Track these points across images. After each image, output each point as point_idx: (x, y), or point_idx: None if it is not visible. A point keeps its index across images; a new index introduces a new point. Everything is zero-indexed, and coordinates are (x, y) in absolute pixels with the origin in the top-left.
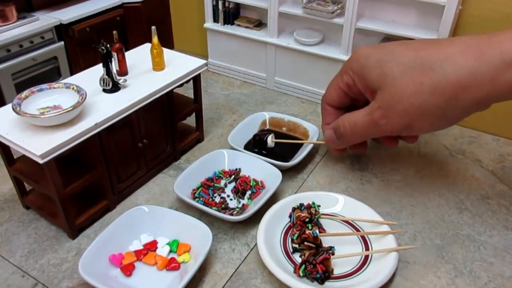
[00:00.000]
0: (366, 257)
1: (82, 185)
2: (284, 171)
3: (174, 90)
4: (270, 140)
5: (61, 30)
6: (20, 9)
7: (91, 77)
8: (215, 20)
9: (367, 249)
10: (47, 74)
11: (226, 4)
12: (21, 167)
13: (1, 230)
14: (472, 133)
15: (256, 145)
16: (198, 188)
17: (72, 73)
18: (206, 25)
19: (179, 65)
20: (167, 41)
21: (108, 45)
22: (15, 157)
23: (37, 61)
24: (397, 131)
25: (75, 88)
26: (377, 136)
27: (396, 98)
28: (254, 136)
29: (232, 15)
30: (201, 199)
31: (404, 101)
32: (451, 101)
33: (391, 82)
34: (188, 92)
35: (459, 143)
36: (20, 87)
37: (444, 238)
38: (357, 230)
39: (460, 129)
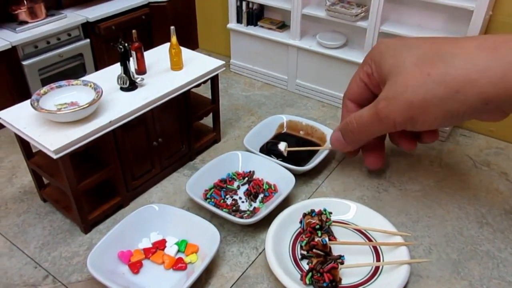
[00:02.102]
0: (377, 268)
1: (96, 181)
2: (299, 176)
3: (192, 90)
4: (284, 148)
5: (88, 28)
6: (49, 6)
7: (112, 75)
8: (239, 21)
9: (378, 260)
10: (72, 71)
11: (250, 5)
12: (39, 161)
13: (19, 221)
14: (499, 144)
15: (269, 152)
16: (210, 189)
17: (97, 70)
18: (229, 25)
19: (197, 65)
20: (192, 41)
21: (126, 44)
22: (34, 151)
23: (63, 58)
24: (401, 125)
25: (92, 85)
26: (382, 132)
27: (401, 89)
28: (267, 143)
29: (255, 16)
30: (212, 200)
31: (409, 91)
32: (456, 95)
33: (400, 73)
34: (208, 92)
35: (484, 154)
36: (46, 83)
37: (461, 253)
38: (369, 240)
39: (486, 139)
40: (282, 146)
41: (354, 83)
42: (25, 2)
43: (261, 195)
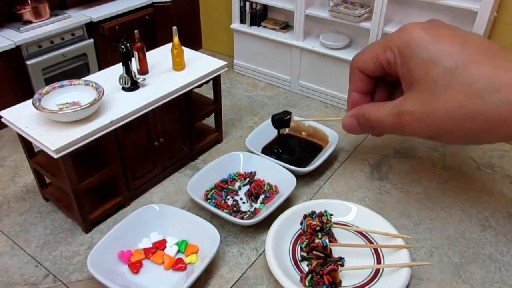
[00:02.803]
0: (377, 270)
1: (97, 181)
2: (301, 177)
3: (195, 90)
4: (291, 122)
5: (91, 28)
6: (54, 6)
7: (114, 75)
8: (242, 21)
9: (379, 262)
10: (76, 70)
11: (254, 5)
12: (40, 160)
13: (21, 220)
14: (504, 146)
15: (275, 125)
16: (211, 190)
17: (100, 70)
18: (232, 26)
19: (199, 65)
20: (195, 41)
21: (128, 44)
22: (36, 150)
23: (67, 57)
24: (420, 137)
25: (94, 85)
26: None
27: (429, 111)
28: (273, 116)
29: (259, 17)
30: (213, 200)
31: (437, 116)
32: (483, 133)
33: (431, 90)
34: (210, 92)
35: (488, 156)
36: (50, 82)
37: (463, 256)
38: (370, 242)
39: None
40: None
41: (370, 59)
42: (29, 1)
43: (262, 196)
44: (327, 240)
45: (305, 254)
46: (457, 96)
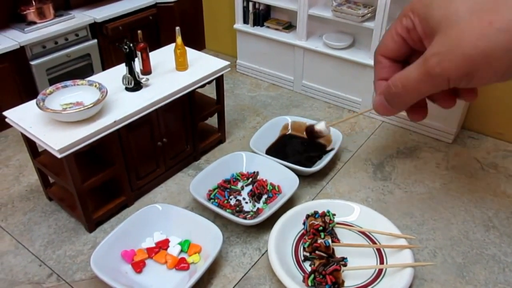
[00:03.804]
0: (380, 271)
1: (101, 181)
2: (303, 177)
3: (198, 90)
4: (324, 126)
5: (95, 28)
6: (58, 7)
7: (118, 75)
8: (245, 21)
9: (381, 262)
10: (80, 71)
11: (257, 5)
12: (44, 160)
13: (25, 219)
14: (508, 146)
15: (310, 137)
16: (214, 189)
17: (104, 70)
18: (236, 26)
19: (202, 65)
20: (199, 41)
21: (132, 45)
22: (40, 150)
23: (71, 58)
24: (455, 82)
25: (97, 85)
26: (433, 91)
27: (456, 42)
28: (306, 129)
29: (262, 17)
30: (216, 200)
31: (467, 44)
32: None
33: (454, 24)
34: (214, 92)
35: (492, 156)
36: (54, 82)
37: (466, 257)
38: (373, 242)
39: (495, 142)
40: (322, 125)
41: (389, 38)
42: (33, 2)
43: (265, 196)
44: (329, 240)
45: (307, 254)
46: (483, 15)
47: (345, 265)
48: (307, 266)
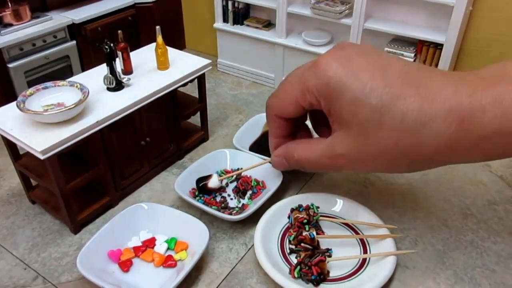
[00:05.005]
0: (364, 260)
1: (85, 181)
2: (288, 172)
3: (180, 89)
4: (216, 181)
5: (74, 30)
6: (35, 8)
7: (98, 75)
8: (225, 20)
9: (365, 252)
10: (59, 72)
11: (236, 4)
12: (26, 162)
13: (7, 223)
14: None
15: (201, 191)
16: None
17: (84, 71)
18: (215, 25)
19: (183, 64)
20: (179, 41)
21: (112, 45)
22: (21, 152)
23: (50, 60)
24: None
25: (79, 86)
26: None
27: (365, 153)
28: (197, 181)
29: (241, 16)
30: (201, 198)
31: (374, 156)
32: (419, 164)
33: (363, 131)
34: (196, 91)
35: None
36: (33, 85)
37: (446, 244)
38: (356, 233)
39: None
40: (215, 181)
41: (289, 104)
42: (9, 4)
43: (249, 192)
44: (314, 233)
45: (293, 247)
46: (390, 135)
47: (330, 256)
48: (293, 259)
